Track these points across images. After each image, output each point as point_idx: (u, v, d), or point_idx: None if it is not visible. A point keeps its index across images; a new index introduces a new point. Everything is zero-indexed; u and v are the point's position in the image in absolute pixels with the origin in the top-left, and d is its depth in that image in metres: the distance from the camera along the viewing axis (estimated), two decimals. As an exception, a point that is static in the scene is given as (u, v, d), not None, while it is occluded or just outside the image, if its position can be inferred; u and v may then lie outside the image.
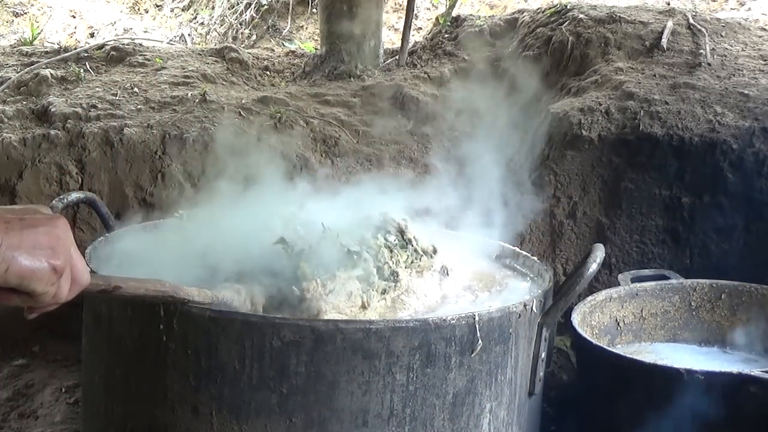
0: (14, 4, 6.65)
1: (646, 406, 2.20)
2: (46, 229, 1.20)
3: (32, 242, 1.18)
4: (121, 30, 6.39)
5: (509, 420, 1.98)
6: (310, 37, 6.05)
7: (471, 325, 1.83)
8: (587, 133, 3.16)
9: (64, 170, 3.20)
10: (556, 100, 3.48)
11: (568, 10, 3.95)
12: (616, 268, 3.03)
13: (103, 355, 2.03)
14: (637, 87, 3.30)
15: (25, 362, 3.06)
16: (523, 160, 3.35)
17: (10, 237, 1.16)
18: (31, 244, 1.18)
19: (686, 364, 2.32)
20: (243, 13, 6.37)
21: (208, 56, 4.15)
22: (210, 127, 3.34)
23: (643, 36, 3.67)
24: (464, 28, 4.30)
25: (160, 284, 1.68)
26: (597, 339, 2.49)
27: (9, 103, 3.52)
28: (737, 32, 3.78)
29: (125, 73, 3.85)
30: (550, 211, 3.16)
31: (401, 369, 1.79)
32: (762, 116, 3.06)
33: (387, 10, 5.73)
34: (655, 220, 3.08)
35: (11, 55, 4.07)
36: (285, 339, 1.76)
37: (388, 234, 2.14)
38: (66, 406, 2.78)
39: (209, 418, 1.82)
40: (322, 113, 3.56)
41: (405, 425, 1.82)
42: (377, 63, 4.11)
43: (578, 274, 2.00)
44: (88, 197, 2.46)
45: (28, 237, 1.18)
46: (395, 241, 2.13)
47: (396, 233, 2.16)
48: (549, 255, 3.13)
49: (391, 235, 2.15)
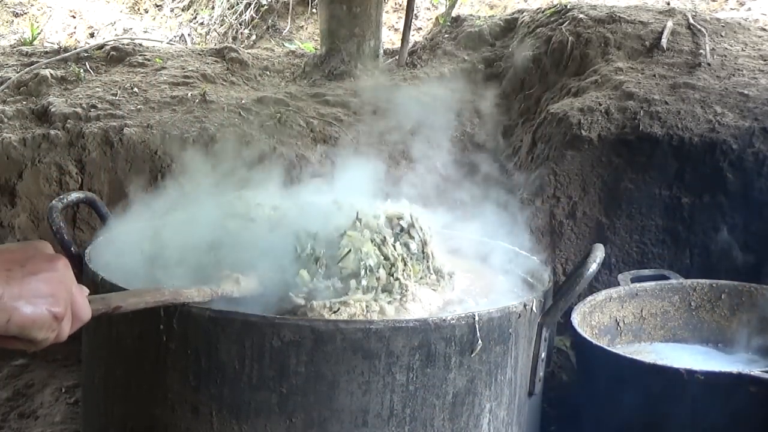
0: (14, 4, 6.65)
1: (646, 406, 2.20)
2: (47, 276, 1.20)
3: (33, 291, 1.18)
4: (121, 30, 6.39)
5: (509, 420, 1.97)
6: (310, 37, 6.05)
7: (471, 325, 1.83)
8: (587, 133, 3.16)
9: (64, 170, 3.20)
10: (556, 100, 3.48)
11: (568, 10, 3.95)
12: (616, 268, 3.03)
13: (103, 355, 2.03)
14: (637, 87, 3.30)
15: (25, 362, 3.05)
16: (523, 160, 3.35)
17: (12, 287, 1.16)
18: (33, 293, 1.18)
19: (686, 364, 2.32)
20: (243, 13, 6.38)
21: (208, 56, 4.16)
22: (210, 127, 3.34)
23: (643, 36, 3.67)
24: (464, 28, 4.30)
25: (159, 293, 1.68)
26: (597, 339, 2.48)
27: (9, 103, 3.52)
28: (737, 32, 3.78)
29: (125, 73, 3.85)
30: (550, 211, 3.16)
31: (401, 369, 1.79)
32: (762, 116, 3.06)
33: (387, 10, 5.73)
34: (655, 220, 3.08)
35: (11, 55, 4.07)
36: (285, 339, 1.76)
37: (411, 240, 2.12)
38: (66, 406, 2.78)
39: (209, 418, 1.82)
40: (322, 113, 3.56)
41: (405, 425, 1.82)
42: (377, 63, 4.11)
43: (578, 274, 2.00)
44: (88, 197, 2.46)
45: (29, 286, 1.18)
46: (415, 251, 2.12)
47: (418, 243, 2.13)
48: (549, 255, 3.13)
49: (414, 243, 2.12)
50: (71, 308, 1.24)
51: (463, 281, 2.25)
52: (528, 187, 3.21)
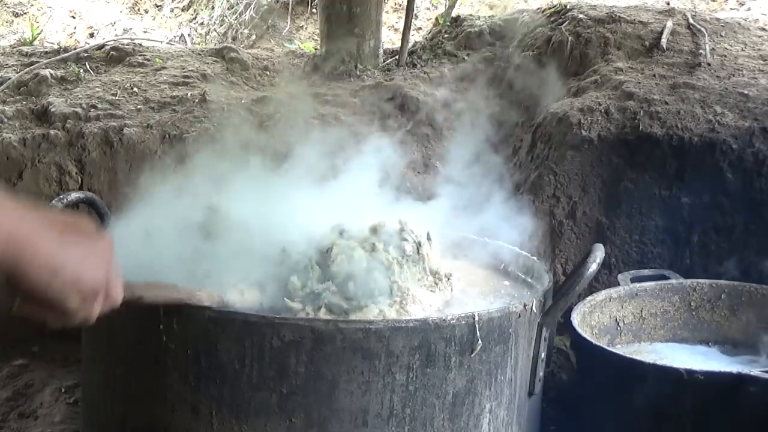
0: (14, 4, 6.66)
1: (646, 406, 2.20)
2: (96, 247, 1.19)
3: (82, 257, 1.17)
4: (121, 30, 6.40)
5: (509, 420, 1.97)
6: (310, 37, 6.05)
7: (471, 325, 1.83)
8: (587, 133, 3.16)
9: (64, 170, 3.20)
10: (555, 100, 3.48)
11: (568, 10, 3.96)
12: (616, 268, 3.03)
13: (103, 355, 2.03)
14: (637, 87, 3.30)
15: (25, 362, 3.05)
16: (523, 160, 3.35)
17: (64, 248, 1.14)
18: (81, 259, 1.17)
19: (686, 364, 2.32)
20: (243, 13, 6.38)
21: (207, 56, 4.15)
22: (210, 127, 3.34)
23: (642, 36, 3.67)
24: (464, 28, 4.30)
25: (176, 290, 1.69)
26: (597, 339, 2.48)
27: (9, 103, 3.52)
28: (737, 32, 3.78)
29: (125, 73, 3.85)
30: (550, 211, 3.16)
31: (401, 369, 1.79)
32: (762, 116, 3.06)
33: (387, 10, 5.73)
34: (655, 220, 3.08)
35: (11, 55, 4.07)
36: (285, 339, 1.76)
37: (405, 242, 2.12)
38: (66, 406, 2.78)
39: (209, 418, 1.82)
40: (322, 113, 3.56)
41: (405, 425, 1.82)
42: (377, 63, 4.11)
43: (578, 274, 2.00)
44: (88, 197, 2.47)
45: (79, 251, 1.17)
46: (410, 253, 2.11)
47: (413, 245, 2.13)
48: (549, 255, 3.13)
49: (408, 244, 2.12)
50: (106, 287, 1.22)
51: (461, 282, 2.25)
52: (528, 187, 3.21)
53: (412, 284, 2.05)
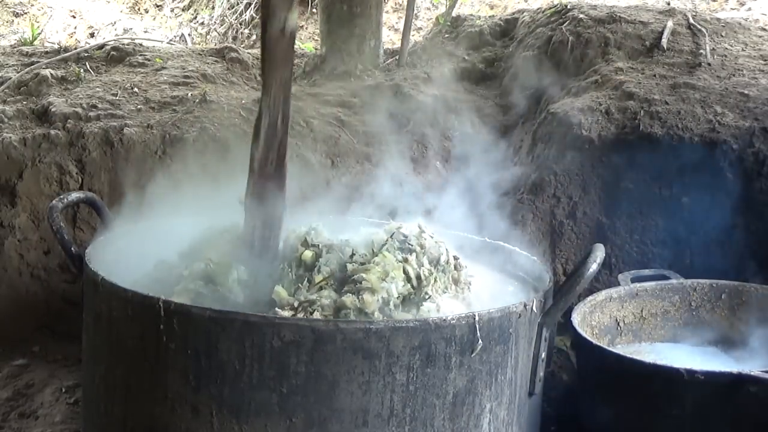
0: (14, 4, 6.66)
1: (646, 406, 2.20)
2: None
3: None
4: (121, 30, 6.40)
5: (509, 420, 1.98)
6: (310, 37, 6.05)
7: (471, 325, 1.83)
8: (587, 133, 3.16)
9: (64, 170, 3.20)
10: (555, 100, 3.48)
11: (568, 10, 3.95)
12: (616, 268, 3.03)
13: (103, 355, 2.03)
14: (637, 87, 3.30)
15: (25, 362, 3.05)
16: (523, 160, 3.35)
17: None
18: None
19: (686, 364, 2.32)
20: (243, 13, 6.38)
21: (208, 56, 4.15)
22: (210, 127, 3.34)
23: (643, 36, 3.67)
24: (464, 28, 4.30)
25: None
26: (597, 339, 2.49)
27: (9, 103, 3.52)
28: (737, 32, 3.78)
29: (125, 73, 3.85)
30: (550, 211, 3.16)
31: (401, 369, 1.79)
32: (762, 116, 3.06)
33: (387, 10, 5.73)
34: (655, 220, 3.08)
35: (11, 55, 4.07)
36: (285, 339, 1.76)
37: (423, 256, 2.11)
38: (66, 406, 2.78)
39: (209, 418, 1.82)
40: (322, 113, 3.56)
41: (405, 425, 1.82)
42: (377, 63, 4.11)
43: (578, 274, 2.01)
44: (88, 197, 2.47)
45: None
46: (442, 263, 2.11)
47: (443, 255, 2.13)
48: (549, 255, 3.13)
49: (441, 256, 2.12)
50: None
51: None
52: (528, 187, 3.21)
53: (438, 293, 2.06)
